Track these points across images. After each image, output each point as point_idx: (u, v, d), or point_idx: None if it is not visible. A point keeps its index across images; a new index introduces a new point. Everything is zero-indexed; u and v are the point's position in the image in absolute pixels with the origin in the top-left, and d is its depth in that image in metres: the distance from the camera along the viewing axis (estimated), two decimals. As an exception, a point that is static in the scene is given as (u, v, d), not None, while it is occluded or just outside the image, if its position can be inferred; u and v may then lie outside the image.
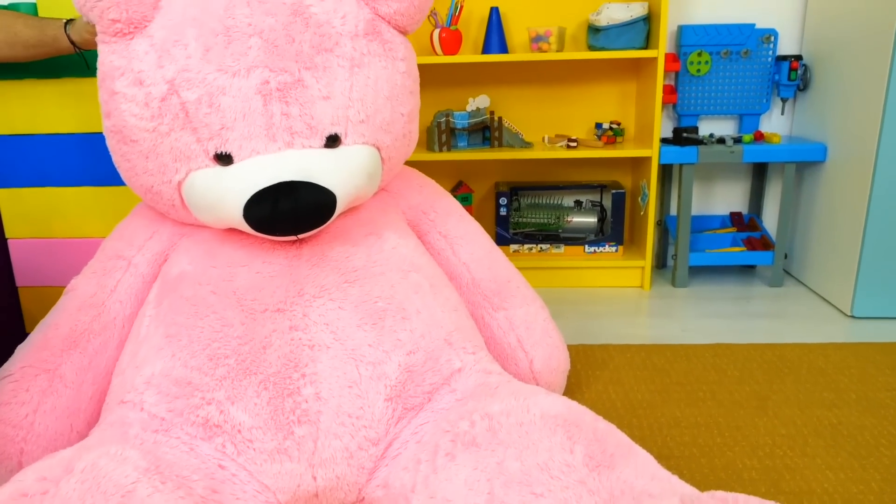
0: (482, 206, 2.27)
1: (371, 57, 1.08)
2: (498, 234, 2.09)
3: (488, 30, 1.97)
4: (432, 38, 1.93)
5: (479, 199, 2.27)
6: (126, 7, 0.98)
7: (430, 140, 2.05)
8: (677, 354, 1.57)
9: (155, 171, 1.05)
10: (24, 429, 1.00)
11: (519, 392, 0.91)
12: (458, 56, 1.93)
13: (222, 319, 0.98)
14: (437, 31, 1.92)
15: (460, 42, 1.94)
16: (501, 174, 2.24)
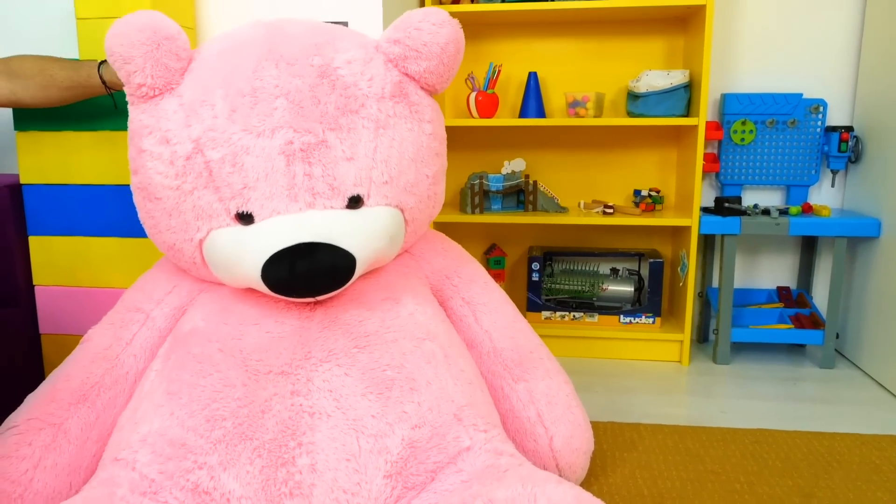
0: (515, 270, 2.22)
1: (397, 119, 1.07)
2: (529, 300, 2.03)
3: (526, 94, 1.97)
4: (469, 102, 1.94)
5: (513, 263, 2.22)
6: (152, 73, 0.99)
7: (463, 202, 2.03)
8: (714, 438, 1.46)
9: (177, 229, 1.05)
10: (22, 485, 0.98)
11: (528, 479, 0.84)
12: (494, 119, 1.92)
13: (225, 379, 0.95)
14: (474, 94, 1.93)
15: (497, 106, 1.94)
16: (535, 238, 2.20)
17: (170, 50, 1.01)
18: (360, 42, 1.10)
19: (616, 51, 2.05)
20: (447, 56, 1.08)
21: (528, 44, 2.09)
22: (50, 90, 1.23)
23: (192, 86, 1.02)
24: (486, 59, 2.09)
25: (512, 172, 2.03)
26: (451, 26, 1.07)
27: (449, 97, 2.15)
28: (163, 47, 1.00)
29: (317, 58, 1.04)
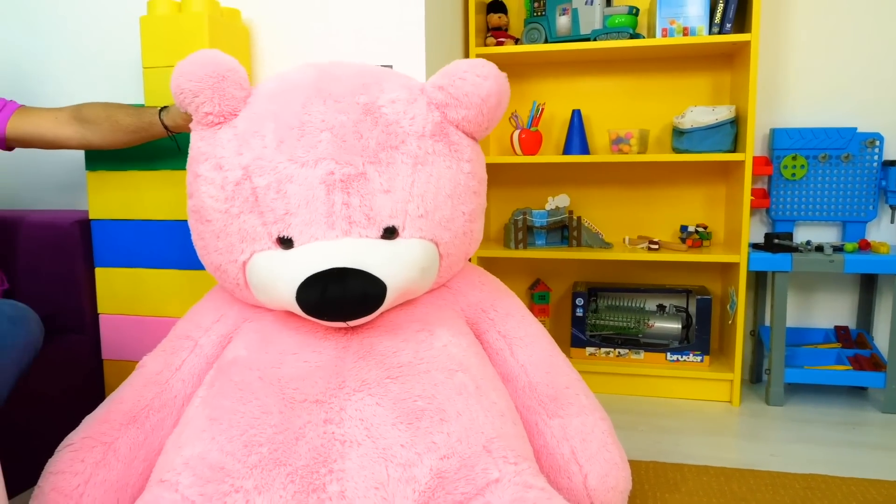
0: (560, 305, 2.21)
1: (435, 156, 1.11)
2: (573, 336, 2.02)
3: (570, 131, 1.99)
4: (512, 139, 1.97)
5: (557, 299, 2.21)
6: (219, 102, 1.07)
7: (507, 237, 2.05)
8: (762, 483, 1.41)
9: (223, 250, 1.11)
10: (73, 499, 1.03)
11: (554, 511, 0.83)
12: (538, 156, 1.95)
13: (263, 406, 0.98)
14: (518, 132, 1.96)
15: (540, 143, 1.97)
16: (580, 274, 2.19)
17: (233, 80, 1.09)
18: (405, 83, 1.15)
19: (660, 87, 2.06)
20: (487, 107, 1.11)
21: (571, 82, 2.12)
22: (117, 134, 1.34)
23: (246, 118, 1.10)
24: (530, 98, 2.13)
25: (556, 208, 2.05)
26: (494, 80, 1.11)
27: (493, 135, 2.19)
28: (227, 78, 1.08)
29: (363, 96, 1.10)
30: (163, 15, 1.43)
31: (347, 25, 1.58)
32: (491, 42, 1.99)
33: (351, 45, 1.59)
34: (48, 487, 1.04)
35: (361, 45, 1.58)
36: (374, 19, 1.57)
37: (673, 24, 1.82)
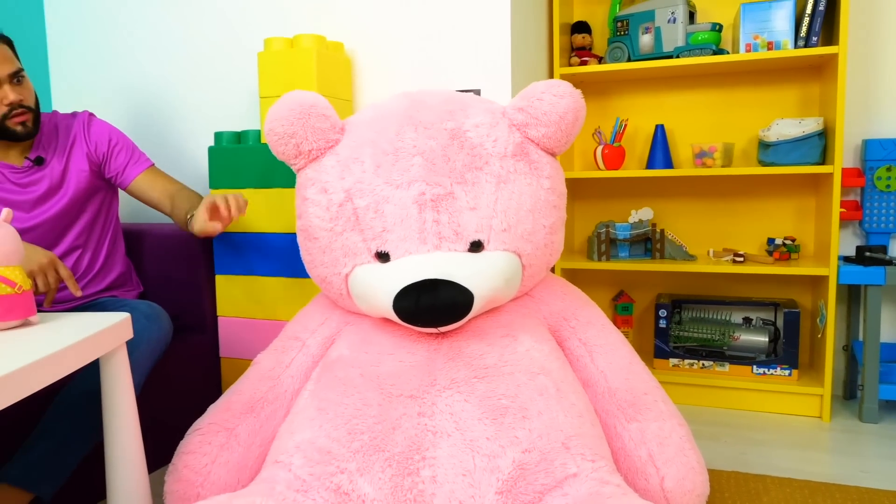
0: (643, 316, 2.24)
1: (517, 175, 1.21)
2: (657, 347, 2.04)
3: (653, 146, 2.03)
4: (596, 154, 2.03)
5: (641, 310, 2.24)
6: (311, 136, 1.22)
7: (590, 249, 2.10)
8: (849, 498, 1.40)
9: (329, 264, 1.24)
10: (202, 475, 1.19)
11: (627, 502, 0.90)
12: (621, 171, 2.00)
13: (364, 399, 1.10)
14: (601, 147, 2.02)
15: (623, 158, 2.02)
16: (664, 286, 2.21)
17: (318, 114, 1.22)
18: (488, 108, 1.25)
19: (746, 101, 2.06)
20: (564, 124, 1.20)
21: (654, 98, 2.16)
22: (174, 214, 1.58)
23: (347, 146, 1.23)
24: (613, 114, 2.18)
25: (639, 221, 2.09)
26: (570, 98, 1.20)
27: (577, 151, 2.25)
28: (312, 113, 1.22)
29: (449, 122, 1.21)
30: (277, 51, 1.61)
31: (439, 53, 1.71)
32: (575, 61, 2.06)
33: (442, 72, 1.71)
34: (181, 465, 1.20)
35: (452, 71, 1.70)
36: (464, 47, 1.68)
37: (757, 39, 1.83)
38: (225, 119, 1.94)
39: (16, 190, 1.47)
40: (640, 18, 1.96)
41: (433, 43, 1.71)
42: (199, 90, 1.97)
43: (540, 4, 1.95)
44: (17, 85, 1.41)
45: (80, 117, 1.60)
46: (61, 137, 1.54)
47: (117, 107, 2.07)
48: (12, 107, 1.40)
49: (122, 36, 2.05)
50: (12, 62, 1.40)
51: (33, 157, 1.48)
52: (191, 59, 1.97)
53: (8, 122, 1.40)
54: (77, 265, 1.55)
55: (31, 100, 1.45)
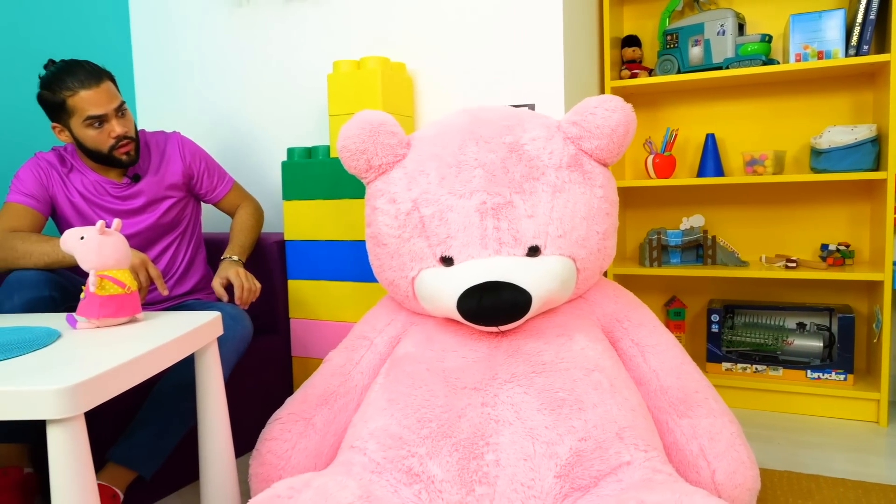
0: (695, 322, 2.28)
1: (571, 184, 1.29)
2: (709, 351, 2.08)
3: (704, 154, 2.08)
4: (647, 164, 2.10)
5: (693, 315, 2.28)
6: (380, 153, 1.33)
7: (642, 256, 2.16)
8: (903, 498, 1.42)
9: (396, 268, 1.35)
10: (284, 460, 1.31)
11: (677, 488, 0.97)
12: (672, 179, 2.05)
13: (431, 391, 1.20)
14: (652, 157, 2.08)
15: (673, 167, 2.08)
16: (716, 292, 2.25)
17: (386, 131, 1.33)
18: (543, 123, 1.34)
19: (796, 109, 2.09)
20: (616, 136, 1.28)
21: (704, 108, 2.20)
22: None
23: (413, 160, 1.34)
24: (664, 124, 2.24)
25: (690, 228, 2.13)
26: (622, 112, 1.28)
27: (629, 160, 2.32)
28: (381, 130, 1.33)
29: (508, 136, 1.31)
30: (345, 72, 1.74)
31: (494, 71, 1.81)
32: (625, 74, 2.13)
33: (497, 88, 1.81)
34: (265, 450, 1.32)
35: (507, 87, 1.80)
36: (518, 64, 1.78)
37: (807, 49, 1.87)
38: (296, 136, 2.09)
39: (116, 202, 1.63)
40: (690, 31, 2.02)
41: (488, 61, 1.81)
42: (273, 109, 2.12)
43: (591, 20, 2.03)
44: (121, 118, 1.56)
45: (174, 137, 1.77)
46: (154, 155, 1.71)
47: (198, 125, 2.25)
48: (118, 139, 1.55)
49: (201, 60, 2.22)
50: (116, 97, 1.56)
51: (131, 174, 1.65)
52: (265, 82, 2.13)
53: (115, 152, 1.57)
54: (164, 269, 1.71)
55: (133, 130, 1.60)
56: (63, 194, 1.59)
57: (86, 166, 1.62)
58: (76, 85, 1.49)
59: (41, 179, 1.57)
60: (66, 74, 1.50)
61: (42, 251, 1.43)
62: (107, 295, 1.18)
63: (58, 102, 1.50)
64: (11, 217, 1.52)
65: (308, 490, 1.01)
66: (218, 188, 1.82)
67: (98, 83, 1.51)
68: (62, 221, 1.62)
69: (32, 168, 1.58)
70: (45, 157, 1.61)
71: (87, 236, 1.20)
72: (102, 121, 1.53)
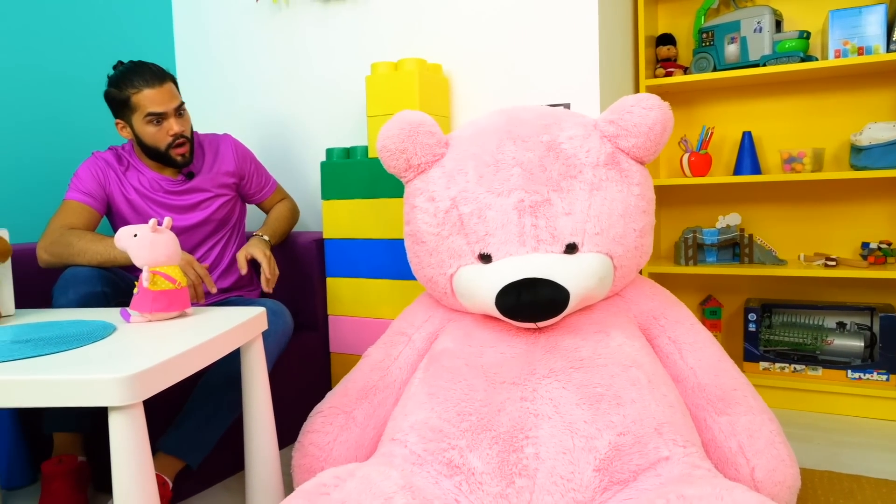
0: (732, 320, 2.26)
1: (608, 182, 1.30)
2: (746, 350, 2.07)
3: (740, 152, 2.06)
4: (682, 162, 2.09)
5: (729, 314, 2.27)
6: (420, 152, 1.36)
7: (677, 254, 2.15)
8: (948, 499, 1.40)
9: (435, 265, 1.38)
10: (325, 451, 1.34)
11: (718, 483, 0.98)
12: (708, 177, 2.05)
13: (470, 386, 1.23)
14: (687, 155, 2.08)
15: (709, 165, 2.07)
16: (753, 290, 2.23)
17: (425, 131, 1.36)
18: (580, 122, 1.36)
19: (836, 106, 2.07)
20: (654, 134, 1.29)
21: (741, 105, 2.19)
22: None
23: (451, 159, 1.36)
24: (699, 123, 2.23)
25: (727, 226, 2.12)
26: (659, 110, 1.29)
27: (663, 159, 2.31)
28: (420, 131, 1.36)
29: (545, 135, 1.32)
30: (383, 74, 1.77)
31: (529, 71, 1.83)
32: (660, 73, 2.13)
33: (532, 88, 1.83)
34: (307, 442, 1.36)
35: (542, 86, 1.82)
36: (553, 64, 1.79)
37: (846, 45, 1.85)
38: (335, 136, 2.13)
39: (170, 198, 1.71)
40: (726, 29, 2.01)
41: (524, 61, 1.83)
42: (311, 111, 2.17)
43: (625, 19, 2.03)
44: (179, 117, 1.64)
45: (226, 139, 1.84)
46: (207, 155, 1.78)
47: (238, 127, 2.31)
48: (175, 137, 1.63)
49: (242, 62, 2.28)
50: (177, 98, 1.64)
51: (185, 172, 1.72)
52: (304, 84, 2.17)
53: (171, 151, 1.64)
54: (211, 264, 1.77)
55: (189, 131, 1.68)
56: (119, 191, 1.66)
57: (142, 164, 1.69)
58: (141, 83, 1.58)
59: (99, 178, 1.64)
60: (132, 73, 1.59)
61: (96, 250, 1.50)
62: (158, 290, 1.23)
63: (122, 99, 1.59)
64: (69, 214, 1.59)
65: (353, 479, 1.04)
66: (264, 189, 1.90)
67: (161, 83, 1.60)
68: (117, 218, 1.69)
69: (91, 167, 1.65)
70: (102, 157, 1.69)
71: (140, 234, 1.25)
72: (162, 118, 1.60)
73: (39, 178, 2.01)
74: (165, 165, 1.68)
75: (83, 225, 1.59)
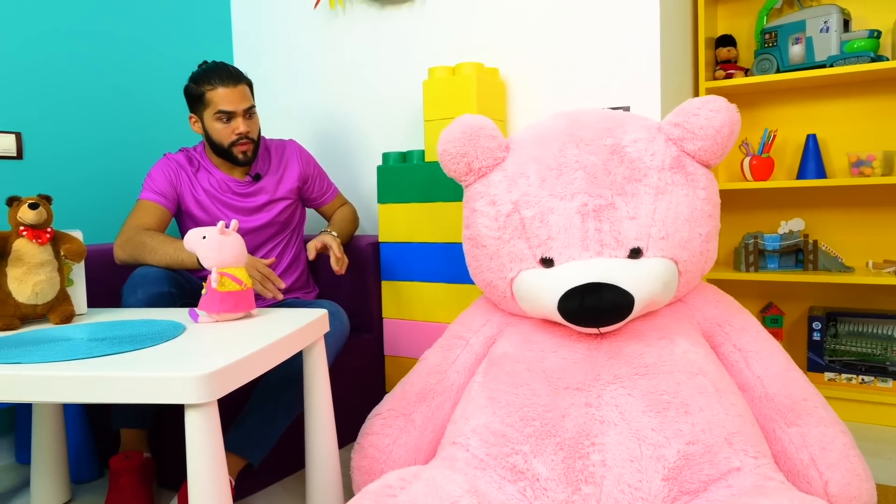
0: (794, 329, 2.19)
1: (674, 186, 1.28)
2: (810, 360, 2.00)
3: (804, 155, 2.00)
4: (742, 166, 2.04)
5: (791, 323, 2.20)
6: (481, 156, 1.35)
7: (737, 260, 2.10)
8: None
9: (495, 269, 1.37)
10: (385, 454, 1.35)
11: (794, 496, 0.95)
12: (770, 181, 1.99)
13: (532, 390, 1.22)
14: (748, 158, 2.03)
15: (772, 169, 2.01)
16: (817, 298, 2.16)
17: (486, 135, 1.35)
18: (644, 124, 1.34)
19: (909, 107, 1.99)
20: (721, 138, 1.26)
21: (804, 107, 2.13)
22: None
23: (513, 162, 1.36)
24: (761, 125, 2.17)
25: (789, 232, 2.06)
26: (726, 112, 1.26)
27: (723, 162, 2.26)
28: (481, 134, 1.35)
29: (609, 139, 1.31)
30: (441, 78, 1.78)
31: (588, 74, 1.81)
32: (720, 75, 2.09)
33: (591, 91, 1.81)
34: (367, 444, 1.37)
35: (600, 90, 1.80)
36: (612, 67, 1.77)
37: (921, 44, 1.78)
38: (391, 141, 2.15)
39: (238, 199, 1.76)
40: (790, 29, 1.96)
41: (581, 64, 1.81)
42: (368, 115, 2.19)
43: (685, 20, 2.00)
44: (247, 119, 1.70)
45: (292, 145, 1.89)
46: (274, 159, 1.84)
47: (296, 130, 2.35)
48: (240, 136, 1.68)
49: (299, 67, 2.32)
50: (248, 100, 1.71)
51: (253, 174, 1.78)
52: (361, 88, 2.20)
53: (234, 148, 1.69)
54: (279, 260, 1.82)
55: (256, 133, 1.74)
56: (189, 191, 1.72)
57: (213, 165, 1.75)
58: (216, 82, 1.65)
59: (171, 178, 1.71)
60: (211, 72, 1.67)
61: (166, 252, 1.55)
62: (226, 291, 1.25)
63: (198, 94, 1.67)
64: (143, 214, 1.66)
65: (418, 482, 1.05)
66: (326, 194, 1.95)
67: (235, 84, 1.67)
68: (186, 217, 1.74)
69: (163, 167, 1.72)
70: (174, 158, 1.76)
71: (208, 236, 1.28)
72: (230, 117, 1.67)
73: (110, 181, 2.08)
74: (228, 162, 1.73)
75: (156, 223, 1.66)
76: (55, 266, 1.29)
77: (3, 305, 1.25)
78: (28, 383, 0.94)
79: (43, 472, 1.48)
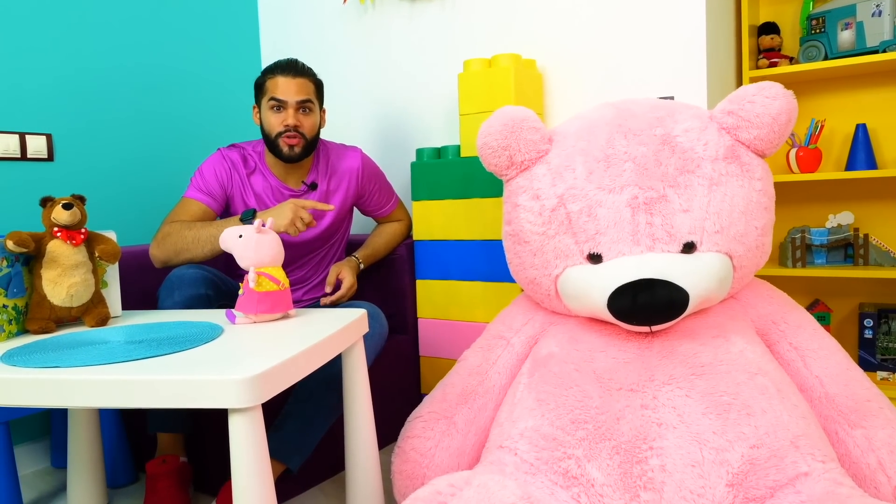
0: (843, 326, 2.11)
1: (729, 177, 1.22)
2: (861, 358, 1.92)
3: (853, 146, 1.93)
4: (788, 157, 1.97)
5: (840, 320, 2.12)
6: (523, 149, 1.30)
7: (783, 256, 2.03)
8: None
9: (539, 266, 1.32)
10: (427, 457, 1.31)
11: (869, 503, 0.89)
12: (817, 173, 1.92)
13: (583, 392, 1.16)
14: (794, 150, 1.95)
15: (819, 160, 1.94)
16: (867, 294, 2.07)
17: (528, 127, 1.30)
18: (695, 113, 1.28)
19: (966, 93, 1.90)
20: (778, 125, 1.20)
21: (854, 96, 2.04)
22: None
23: (557, 155, 1.31)
24: (808, 115, 2.10)
25: (838, 226, 1.98)
26: (784, 99, 1.20)
27: (765, 154, 2.19)
28: (524, 126, 1.30)
29: (659, 128, 1.25)
30: (476, 71, 1.74)
31: (631, 64, 1.75)
32: (763, 63, 2.01)
33: (631, 81, 1.75)
34: (408, 447, 1.32)
35: (641, 80, 1.74)
36: (655, 56, 1.71)
37: (982, 26, 1.69)
38: (425, 136, 2.10)
39: None
40: (839, 14, 1.88)
41: (620, 54, 1.76)
42: (401, 111, 2.15)
43: (728, 8, 1.93)
44: (301, 113, 1.64)
45: (355, 154, 1.81)
46: (332, 166, 1.77)
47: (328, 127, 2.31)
48: (288, 128, 1.62)
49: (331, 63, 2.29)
50: (305, 94, 1.64)
51: (309, 181, 1.72)
52: (393, 83, 2.16)
53: (280, 139, 1.63)
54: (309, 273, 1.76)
55: (308, 130, 1.66)
56: (240, 194, 1.67)
57: (268, 169, 1.70)
58: (277, 71, 1.63)
59: (222, 178, 1.65)
60: (277, 63, 1.65)
61: (209, 234, 1.50)
62: (264, 291, 1.22)
63: (260, 83, 1.66)
64: (186, 212, 1.60)
65: (469, 488, 1.00)
66: (384, 207, 1.89)
67: (295, 76, 1.63)
68: None
69: (216, 165, 1.66)
70: (229, 156, 1.69)
71: (245, 235, 1.25)
72: (282, 107, 1.62)
73: (140, 182, 2.07)
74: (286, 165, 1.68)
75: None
76: (90, 268, 1.27)
77: (38, 308, 1.22)
78: (67, 388, 0.91)
79: (79, 476, 1.46)
